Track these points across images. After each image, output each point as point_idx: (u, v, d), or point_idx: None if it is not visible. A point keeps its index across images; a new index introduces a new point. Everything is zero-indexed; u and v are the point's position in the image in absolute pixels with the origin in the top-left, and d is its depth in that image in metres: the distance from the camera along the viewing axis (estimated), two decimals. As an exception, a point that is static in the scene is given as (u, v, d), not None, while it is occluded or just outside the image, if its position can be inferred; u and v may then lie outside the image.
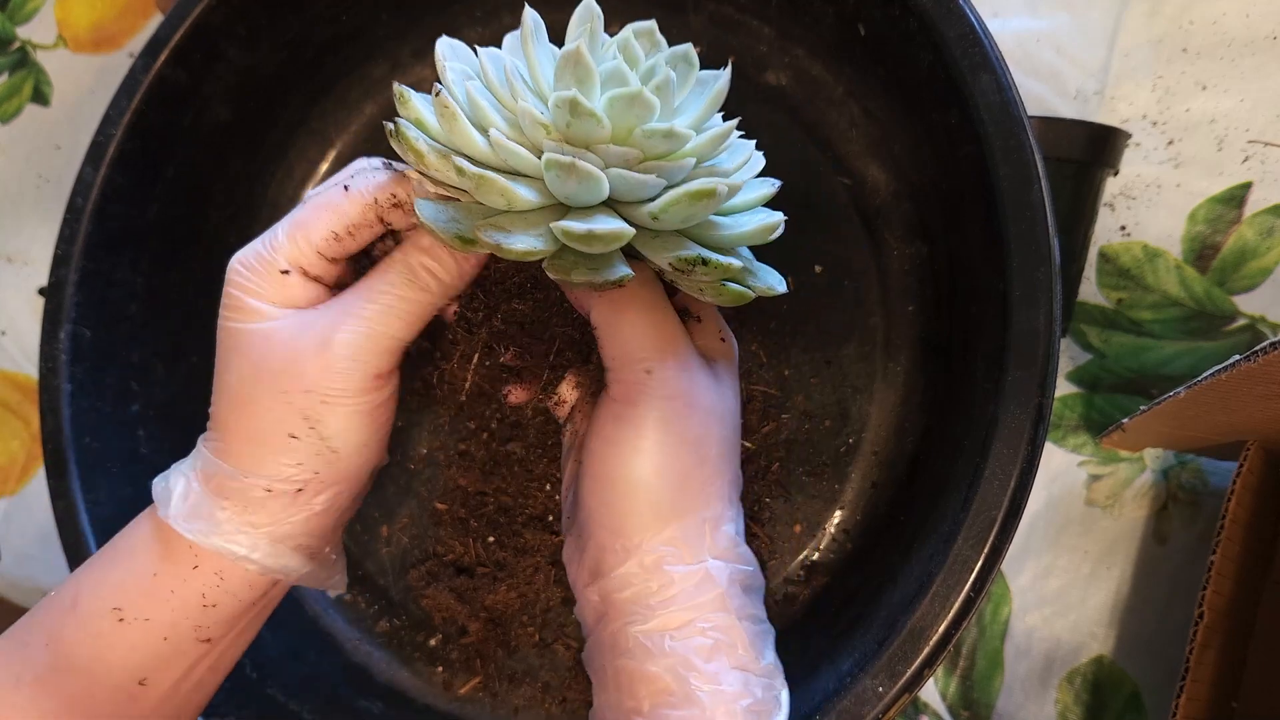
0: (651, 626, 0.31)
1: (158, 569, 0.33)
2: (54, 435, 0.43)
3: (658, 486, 0.32)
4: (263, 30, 0.48)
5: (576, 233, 0.28)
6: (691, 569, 0.32)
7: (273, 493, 0.32)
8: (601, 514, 0.32)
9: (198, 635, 0.33)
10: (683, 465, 0.32)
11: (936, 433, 0.42)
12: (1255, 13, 0.50)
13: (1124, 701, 0.45)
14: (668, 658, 0.30)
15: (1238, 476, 0.40)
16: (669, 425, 0.32)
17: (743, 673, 0.31)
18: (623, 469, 0.32)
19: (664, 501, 0.32)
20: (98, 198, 0.45)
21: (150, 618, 0.32)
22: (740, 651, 0.31)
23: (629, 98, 0.29)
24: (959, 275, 0.42)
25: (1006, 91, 0.36)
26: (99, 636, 0.32)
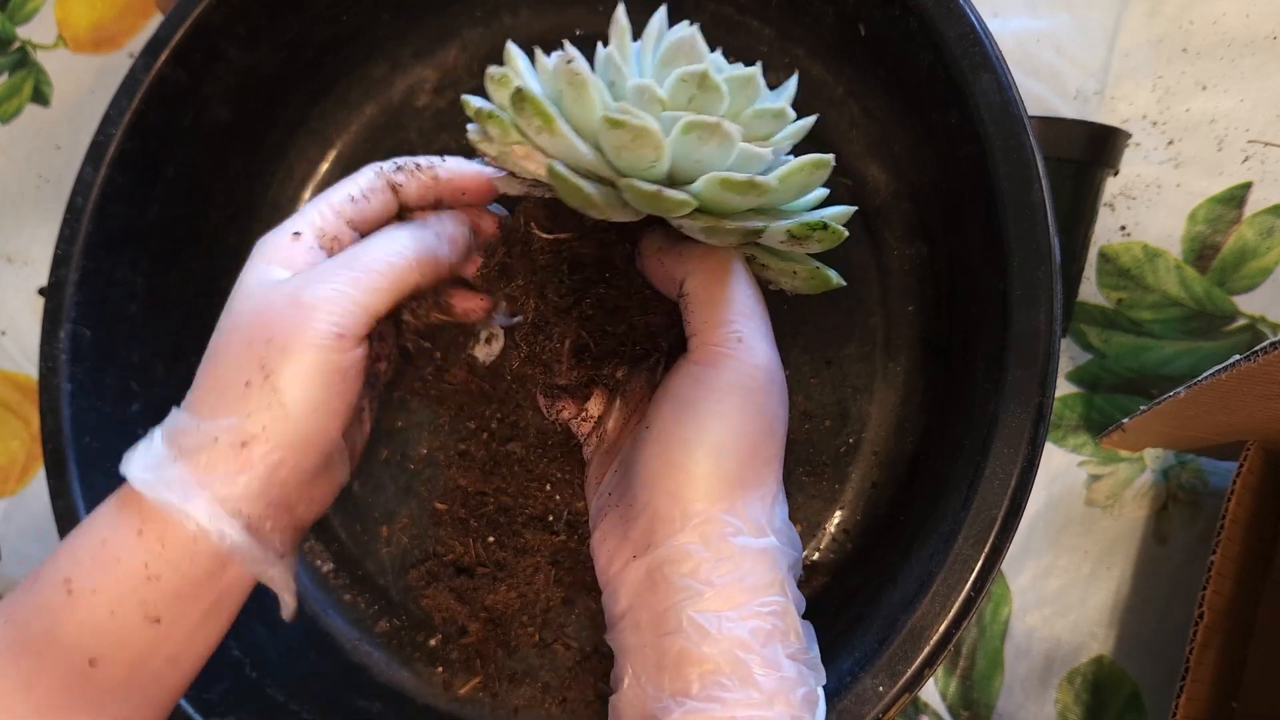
0: (707, 605, 0.30)
1: (106, 536, 0.32)
2: (54, 435, 0.43)
3: (731, 453, 0.31)
4: (263, 30, 0.48)
5: (736, 181, 0.30)
6: (757, 544, 0.31)
7: (219, 443, 0.32)
8: (665, 477, 0.31)
9: (145, 613, 0.32)
10: (755, 436, 0.32)
11: (936, 432, 0.42)
12: (1255, 13, 0.50)
13: (1124, 701, 0.45)
14: (724, 639, 0.29)
15: (1238, 476, 0.40)
16: (750, 394, 0.32)
17: (796, 661, 0.30)
18: (699, 431, 0.31)
19: (734, 471, 0.31)
20: (98, 198, 0.45)
21: (97, 588, 0.32)
22: (793, 639, 0.31)
23: (744, 79, 0.32)
24: (959, 275, 0.42)
25: (1007, 91, 0.36)
26: (50, 610, 0.32)
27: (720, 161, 0.32)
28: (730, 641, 0.29)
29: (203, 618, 0.33)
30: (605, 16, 0.51)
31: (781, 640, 0.30)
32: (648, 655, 0.31)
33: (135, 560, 0.32)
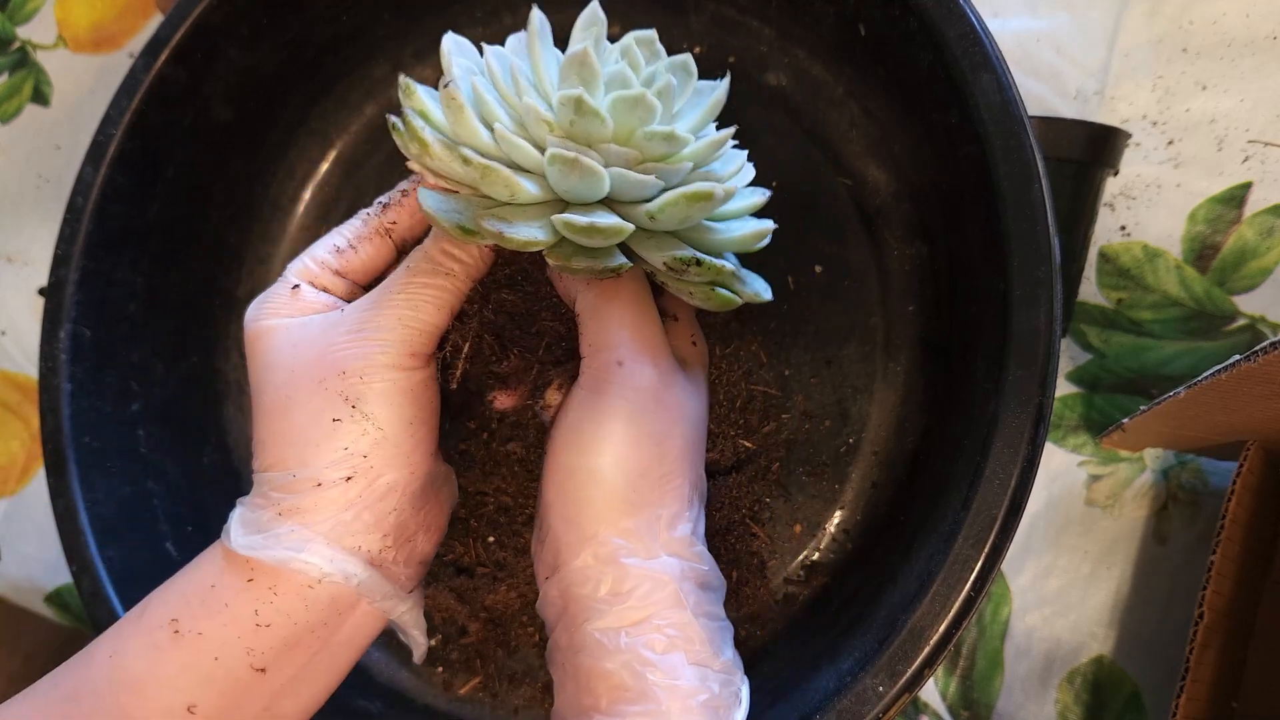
0: (607, 623, 0.31)
1: (216, 581, 0.32)
2: (54, 435, 0.43)
3: (615, 477, 0.32)
4: (263, 30, 0.48)
5: (578, 225, 0.29)
6: (646, 564, 0.31)
7: (323, 485, 0.32)
8: (559, 504, 0.32)
9: (251, 661, 0.31)
10: (642, 459, 0.32)
11: (937, 432, 0.42)
12: (1255, 13, 0.50)
13: (1124, 701, 0.45)
14: (623, 654, 0.30)
15: (1238, 476, 0.40)
16: (632, 417, 0.32)
17: (700, 668, 0.31)
18: (582, 457, 0.32)
19: (620, 493, 0.32)
20: (98, 198, 0.45)
21: (204, 632, 0.31)
22: (697, 647, 0.31)
23: (632, 100, 0.30)
24: (959, 275, 0.42)
25: (1007, 91, 0.36)
26: (154, 649, 0.31)
27: (592, 191, 0.31)
28: (630, 656, 0.30)
29: (307, 666, 0.33)
30: (607, 17, 0.51)
31: (685, 649, 0.31)
32: (566, 672, 0.32)
33: (245, 606, 0.32)
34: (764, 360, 0.46)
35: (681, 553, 0.33)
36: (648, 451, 0.32)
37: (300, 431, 0.32)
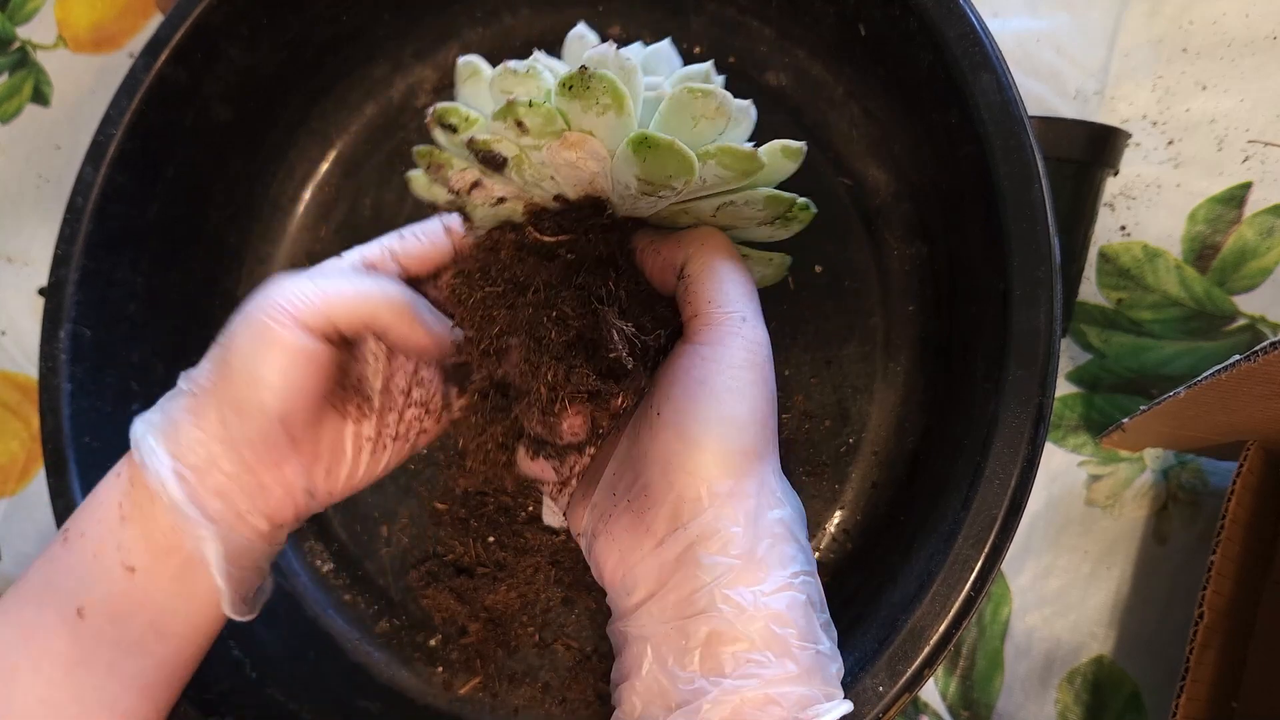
0: (740, 580, 0.29)
1: (100, 484, 0.34)
2: (54, 435, 0.43)
3: (751, 426, 0.31)
4: (263, 30, 0.48)
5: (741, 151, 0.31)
6: (778, 515, 0.31)
7: (180, 391, 0.35)
8: (686, 457, 0.31)
9: (121, 558, 0.33)
10: (767, 409, 0.32)
11: (936, 432, 0.42)
12: (1255, 13, 0.50)
13: (1124, 701, 0.45)
14: (760, 614, 0.29)
15: (1238, 476, 0.40)
16: (758, 369, 0.32)
17: (829, 631, 0.31)
18: (717, 408, 0.31)
19: (751, 444, 0.31)
20: (98, 197, 0.45)
21: (85, 532, 0.33)
22: (821, 608, 0.31)
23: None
24: (959, 275, 0.42)
25: (1007, 91, 0.36)
26: (50, 559, 0.33)
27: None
28: (767, 616, 0.29)
29: (176, 581, 0.33)
30: (606, 16, 0.51)
31: (818, 609, 0.31)
32: (672, 639, 0.30)
33: (112, 500, 0.34)
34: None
35: (793, 500, 0.33)
36: (769, 403, 0.33)
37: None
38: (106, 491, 0.34)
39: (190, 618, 0.34)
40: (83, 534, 0.33)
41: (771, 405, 0.33)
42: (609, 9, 0.51)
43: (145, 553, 0.33)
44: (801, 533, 0.32)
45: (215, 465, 0.33)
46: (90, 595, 0.32)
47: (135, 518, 0.33)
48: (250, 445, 0.34)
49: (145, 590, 0.33)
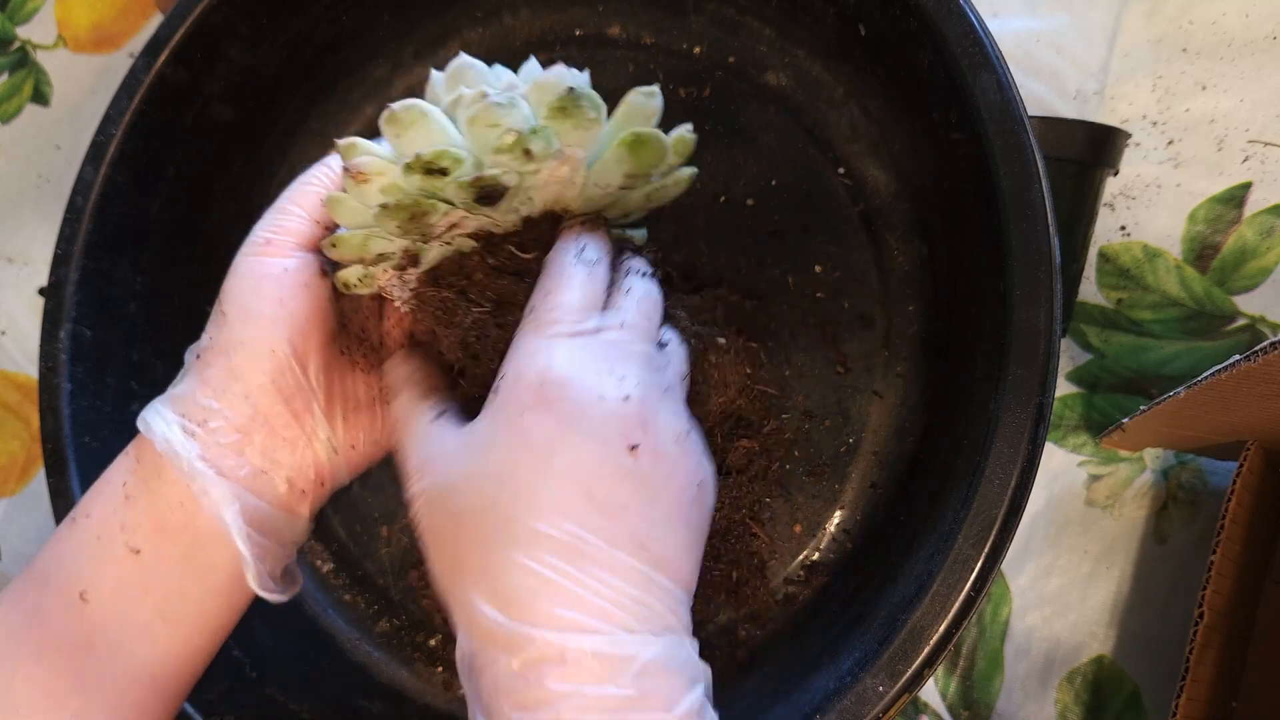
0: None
1: (112, 464, 0.33)
2: (54, 435, 0.43)
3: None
4: (263, 30, 0.48)
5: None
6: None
7: (186, 365, 0.34)
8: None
9: (126, 539, 0.31)
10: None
11: (936, 432, 0.42)
12: (1255, 13, 0.50)
13: (1124, 701, 0.45)
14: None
15: (1238, 476, 0.40)
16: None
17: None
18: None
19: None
20: (98, 197, 0.45)
21: (90, 514, 0.32)
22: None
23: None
24: (959, 275, 0.42)
25: (1007, 91, 0.36)
26: (56, 541, 0.32)
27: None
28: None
29: (185, 561, 0.31)
30: (605, 16, 0.51)
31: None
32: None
33: (117, 479, 0.33)
34: (764, 360, 0.46)
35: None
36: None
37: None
38: (114, 471, 0.33)
39: (201, 602, 0.32)
40: (88, 515, 0.32)
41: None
42: (609, 9, 0.51)
43: (151, 532, 0.31)
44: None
45: (226, 419, 0.32)
46: (94, 579, 0.31)
47: (140, 495, 0.32)
48: (262, 390, 0.32)
49: (151, 573, 0.31)
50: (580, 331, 0.29)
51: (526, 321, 0.30)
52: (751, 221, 0.47)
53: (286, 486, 0.33)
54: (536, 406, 0.27)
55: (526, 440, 0.27)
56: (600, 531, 0.26)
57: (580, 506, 0.26)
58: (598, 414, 0.27)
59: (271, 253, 0.33)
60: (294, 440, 0.33)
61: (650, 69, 0.50)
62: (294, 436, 0.33)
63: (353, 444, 0.35)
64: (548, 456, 0.27)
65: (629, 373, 0.28)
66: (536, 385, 0.27)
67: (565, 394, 0.27)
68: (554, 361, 0.28)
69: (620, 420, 0.27)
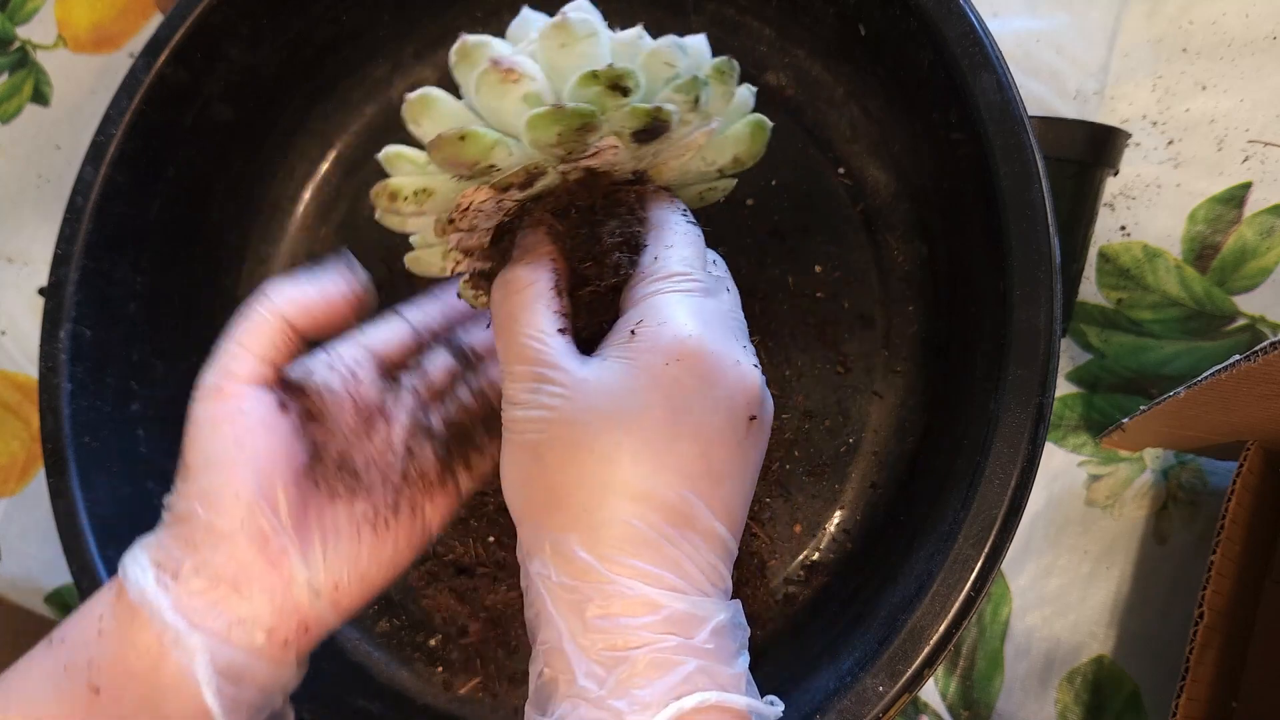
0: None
1: (99, 590, 0.33)
2: (54, 435, 0.43)
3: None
4: (263, 30, 0.48)
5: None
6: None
7: (163, 513, 0.32)
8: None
9: (89, 676, 0.30)
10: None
11: (937, 432, 0.42)
12: (1255, 13, 0.50)
13: (1124, 701, 0.45)
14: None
15: (1238, 476, 0.40)
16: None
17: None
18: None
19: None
20: (98, 197, 0.45)
21: (65, 639, 0.31)
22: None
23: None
24: (959, 275, 0.42)
25: (1007, 91, 0.36)
26: (29, 658, 0.32)
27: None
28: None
29: (142, 709, 0.30)
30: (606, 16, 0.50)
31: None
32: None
33: (94, 611, 0.31)
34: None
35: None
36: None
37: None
38: (96, 602, 0.32)
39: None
40: (63, 640, 0.31)
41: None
42: (609, 9, 0.50)
43: (113, 673, 0.30)
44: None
45: (198, 569, 0.31)
46: (53, 713, 0.30)
47: (112, 634, 0.31)
48: (232, 538, 0.31)
49: (107, 715, 0.30)
50: (708, 290, 0.29)
51: (653, 272, 0.29)
52: (751, 221, 0.47)
53: (265, 636, 0.31)
54: (678, 362, 0.27)
55: (666, 394, 0.27)
56: (706, 498, 0.27)
57: (698, 471, 0.27)
58: (732, 380, 0.28)
59: (223, 396, 0.32)
60: (271, 587, 0.31)
61: (650, 69, 0.50)
62: (271, 583, 0.31)
63: (335, 584, 0.33)
64: (682, 414, 0.27)
65: (748, 343, 0.29)
66: (678, 341, 0.27)
67: (705, 355, 0.27)
68: (694, 321, 0.28)
69: (746, 391, 0.28)
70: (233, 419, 0.32)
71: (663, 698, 0.25)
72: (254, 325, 0.33)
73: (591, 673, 0.26)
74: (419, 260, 0.34)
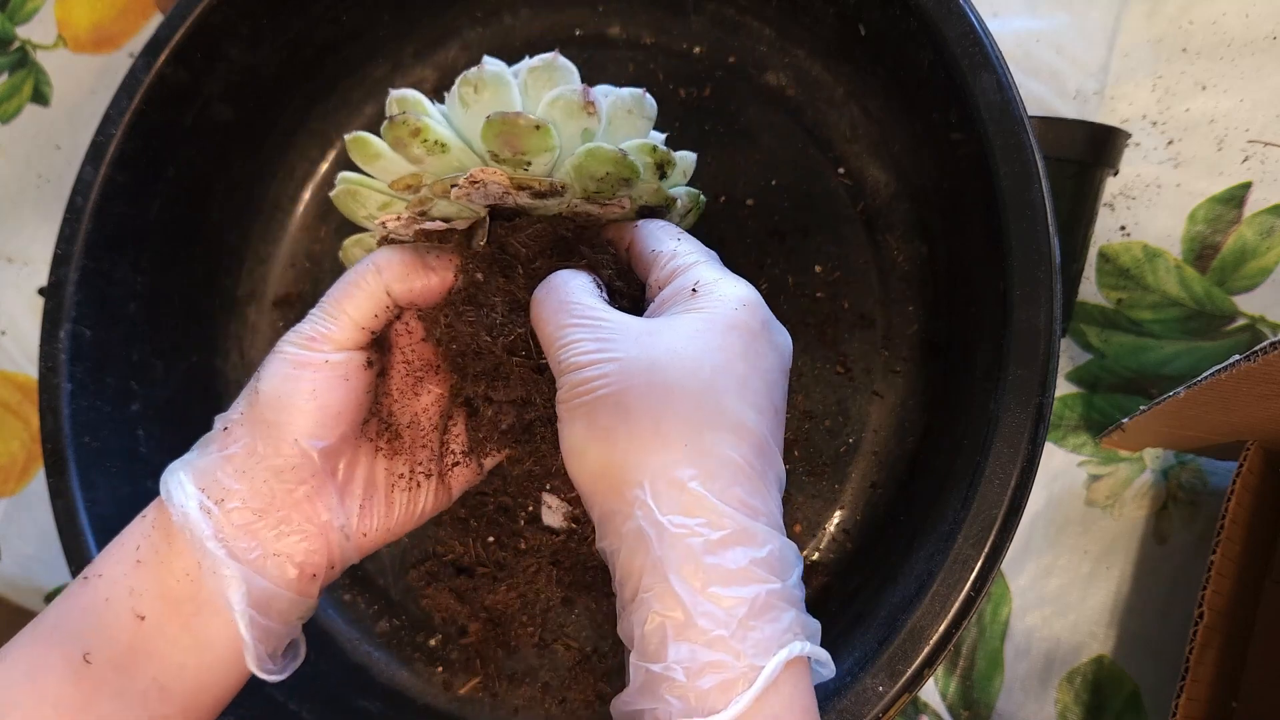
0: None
1: (130, 524, 0.34)
2: (54, 435, 0.43)
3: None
4: (263, 30, 0.48)
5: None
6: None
7: (214, 429, 0.34)
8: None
9: (133, 604, 0.31)
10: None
11: (936, 432, 0.42)
12: (1255, 13, 0.50)
13: (1124, 701, 0.45)
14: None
15: (1238, 476, 0.40)
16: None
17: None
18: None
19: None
20: (98, 197, 0.45)
21: (102, 574, 0.32)
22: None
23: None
24: (959, 275, 0.42)
25: (1007, 91, 0.36)
26: (66, 598, 0.32)
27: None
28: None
29: (186, 633, 0.32)
30: (605, 16, 0.51)
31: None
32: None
33: (131, 542, 0.33)
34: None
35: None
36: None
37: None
38: (129, 533, 0.33)
39: (199, 676, 0.32)
40: (100, 575, 0.32)
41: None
42: (609, 9, 0.51)
43: (156, 599, 0.32)
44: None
45: (244, 500, 0.32)
46: (98, 641, 0.31)
47: (151, 561, 0.32)
48: (281, 475, 0.33)
49: (153, 641, 0.31)
50: (719, 263, 0.34)
51: (681, 253, 0.33)
52: (751, 221, 0.47)
53: (297, 571, 0.33)
54: (745, 308, 0.31)
55: (740, 335, 0.30)
56: (775, 438, 0.30)
57: (768, 408, 0.30)
58: (777, 329, 0.32)
59: (314, 347, 0.34)
60: (308, 528, 0.34)
61: (650, 69, 0.50)
62: (308, 524, 0.34)
63: (365, 532, 0.35)
64: (757, 358, 0.30)
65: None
66: (740, 294, 0.31)
67: (760, 306, 0.31)
68: (739, 281, 0.32)
69: (788, 339, 0.32)
70: (317, 369, 0.33)
71: (772, 643, 0.26)
72: (361, 294, 0.34)
73: (709, 613, 0.26)
74: (356, 195, 0.38)
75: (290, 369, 0.33)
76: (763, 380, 0.30)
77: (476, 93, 0.34)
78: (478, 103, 0.34)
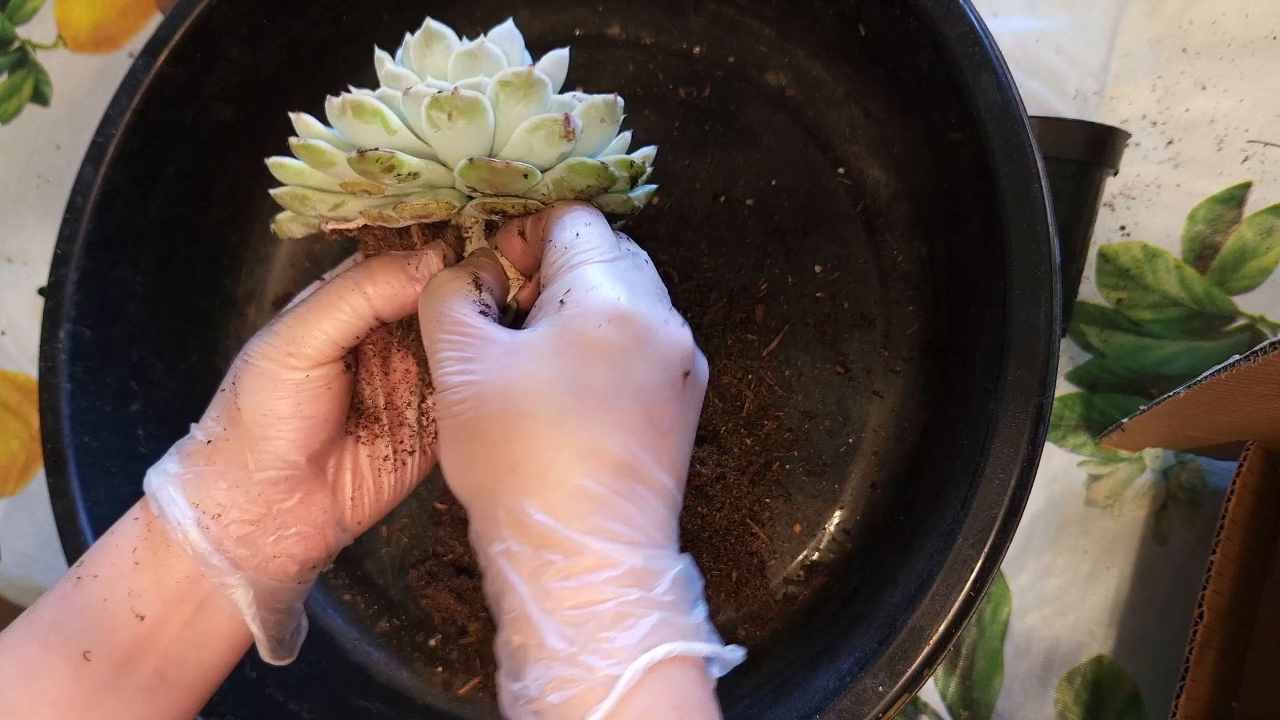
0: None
1: (117, 525, 0.34)
2: (54, 434, 0.43)
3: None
4: (263, 30, 0.48)
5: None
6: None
7: (194, 440, 0.34)
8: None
9: (132, 605, 0.32)
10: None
11: (936, 432, 0.42)
12: (1255, 13, 0.50)
13: (1124, 701, 0.45)
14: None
15: (1237, 476, 0.40)
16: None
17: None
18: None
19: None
20: (98, 197, 0.45)
21: (98, 574, 0.33)
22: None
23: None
24: (959, 275, 0.42)
25: (1007, 91, 0.36)
26: (59, 598, 0.33)
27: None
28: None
29: (187, 629, 0.33)
30: (605, 16, 0.51)
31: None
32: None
33: (127, 545, 0.33)
34: (764, 359, 0.46)
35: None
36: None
37: (216, 395, 0.35)
38: (122, 535, 0.33)
39: (199, 665, 0.33)
40: (95, 576, 0.33)
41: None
42: (609, 9, 0.51)
43: (156, 600, 0.32)
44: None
45: (240, 512, 0.33)
46: (97, 640, 0.32)
47: (149, 564, 0.33)
48: (274, 485, 0.33)
49: (154, 638, 0.32)
50: (625, 262, 0.31)
51: (572, 246, 0.31)
52: (751, 221, 0.47)
53: (298, 567, 0.34)
54: (611, 324, 0.28)
55: (603, 354, 0.28)
56: (651, 453, 0.28)
57: (642, 425, 0.28)
58: (663, 337, 0.29)
59: (291, 367, 0.33)
60: (306, 529, 0.34)
61: (650, 69, 0.50)
62: (305, 525, 0.34)
63: (359, 519, 0.36)
64: (623, 373, 0.28)
65: (673, 309, 0.30)
66: (609, 303, 0.28)
67: (636, 316, 0.28)
68: (620, 286, 0.29)
69: (679, 347, 0.29)
70: (298, 383, 0.33)
71: (632, 650, 0.26)
72: (343, 317, 0.34)
73: (560, 632, 0.26)
74: (306, 199, 0.38)
75: (271, 385, 0.33)
76: (634, 396, 0.28)
77: (450, 120, 0.33)
78: (450, 128, 0.33)
